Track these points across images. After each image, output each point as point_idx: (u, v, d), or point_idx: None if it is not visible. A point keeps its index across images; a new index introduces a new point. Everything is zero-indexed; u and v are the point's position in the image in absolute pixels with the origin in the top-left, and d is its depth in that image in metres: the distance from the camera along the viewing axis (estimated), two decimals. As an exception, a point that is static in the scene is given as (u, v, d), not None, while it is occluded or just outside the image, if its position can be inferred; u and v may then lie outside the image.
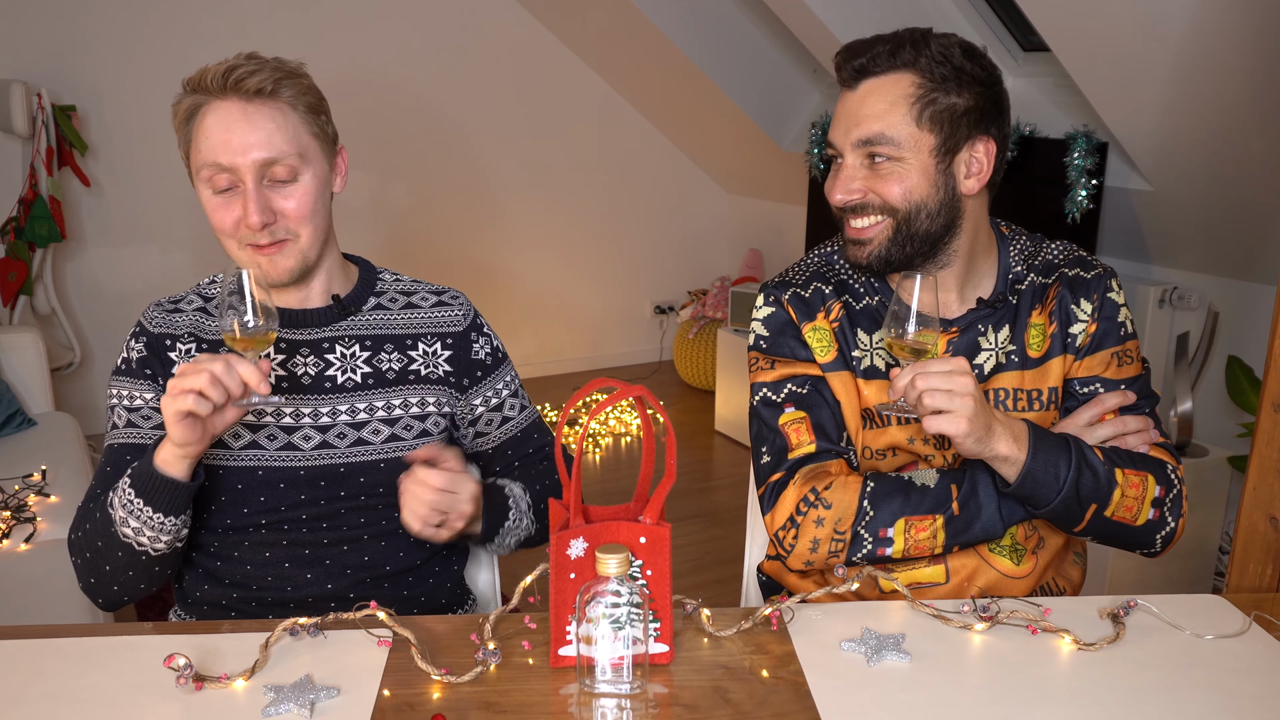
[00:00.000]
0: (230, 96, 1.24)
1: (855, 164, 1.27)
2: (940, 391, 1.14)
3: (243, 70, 1.24)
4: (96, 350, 4.05)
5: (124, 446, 1.32)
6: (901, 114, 1.24)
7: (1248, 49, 2.28)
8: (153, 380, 1.34)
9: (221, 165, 1.24)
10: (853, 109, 1.26)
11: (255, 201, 1.24)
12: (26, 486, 2.41)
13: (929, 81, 1.24)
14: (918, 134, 1.24)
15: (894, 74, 1.24)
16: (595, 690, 1.01)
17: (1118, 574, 2.59)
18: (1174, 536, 1.29)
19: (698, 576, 3.02)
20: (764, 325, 1.37)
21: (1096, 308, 1.33)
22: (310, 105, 1.30)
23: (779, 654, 1.10)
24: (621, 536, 1.05)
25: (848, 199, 1.27)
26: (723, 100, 4.27)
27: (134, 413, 1.33)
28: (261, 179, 1.25)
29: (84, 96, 3.87)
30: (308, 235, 1.30)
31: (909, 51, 1.24)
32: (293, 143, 1.26)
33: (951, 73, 1.24)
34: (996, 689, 1.03)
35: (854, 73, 1.26)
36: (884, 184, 1.26)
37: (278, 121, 1.26)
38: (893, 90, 1.24)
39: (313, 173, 1.29)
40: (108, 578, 1.28)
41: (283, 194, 1.27)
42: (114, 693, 1.02)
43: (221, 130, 1.24)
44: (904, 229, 1.27)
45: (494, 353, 1.46)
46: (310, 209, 1.29)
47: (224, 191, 1.26)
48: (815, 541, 1.26)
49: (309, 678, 1.03)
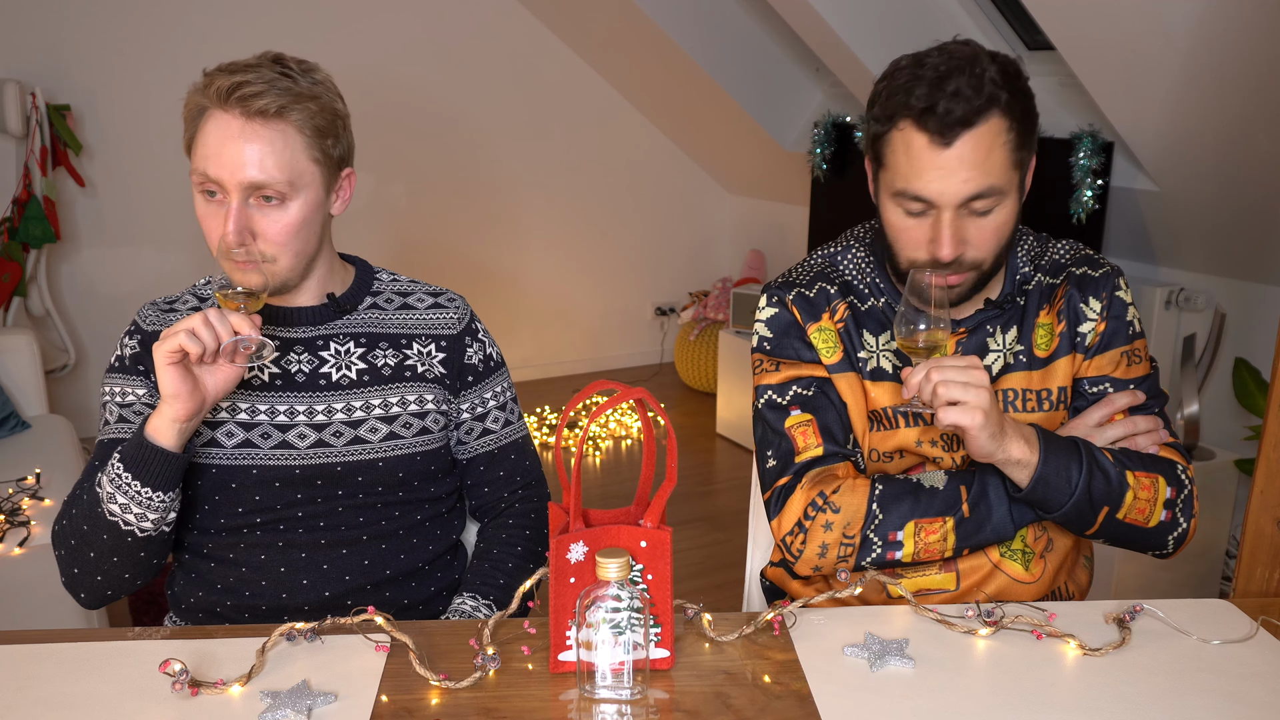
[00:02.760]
0: (232, 110, 1.21)
1: (956, 218, 1.21)
2: (956, 383, 1.13)
3: (250, 89, 1.20)
4: (91, 352, 4.04)
5: (114, 442, 1.31)
6: (1001, 159, 1.19)
7: (1255, 48, 2.27)
8: (145, 377, 1.33)
9: (209, 177, 1.23)
10: (952, 165, 1.18)
11: (235, 220, 1.22)
12: (20, 490, 2.39)
13: (1012, 117, 1.19)
14: (1012, 174, 1.21)
15: (986, 121, 1.17)
16: (595, 696, 1.01)
17: (1123, 578, 2.58)
18: (1186, 537, 1.28)
19: (699, 581, 3.02)
20: (768, 326, 1.36)
21: (1105, 306, 1.33)
22: (319, 128, 1.26)
23: (781, 659, 1.09)
24: (622, 540, 1.04)
25: (955, 255, 1.21)
26: (724, 99, 4.27)
27: (126, 409, 1.33)
28: (247, 199, 1.23)
29: (78, 96, 3.86)
30: (286, 261, 1.28)
31: (990, 89, 1.17)
32: (285, 169, 1.23)
33: (1021, 99, 1.20)
34: (1001, 695, 1.02)
35: (947, 129, 1.17)
36: (983, 235, 1.22)
37: (275, 145, 1.22)
38: (989, 137, 1.18)
39: (303, 200, 1.26)
40: (91, 566, 1.26)
41: (267, 217, 1.25)
42: (109, 698, 1.01)
43: (216, 143, 1.22)
44: (988, 273, 1.26)
45: (487, 360, 1.44)
46: (290, 236, 1.26)
47: (212, 200, 1.25)
48: (824, 546, 1.25)
49: (306, 683, 1.02)
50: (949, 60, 1.18)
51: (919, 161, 1.19)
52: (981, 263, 1.24)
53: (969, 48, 1.20)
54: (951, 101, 1.15)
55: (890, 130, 1.21)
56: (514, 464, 1.46)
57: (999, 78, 1.17)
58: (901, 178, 1.21)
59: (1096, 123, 2.91)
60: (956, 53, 1.19)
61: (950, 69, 1.17)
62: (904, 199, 1.22)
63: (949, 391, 1.13)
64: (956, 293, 1.25)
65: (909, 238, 1.24)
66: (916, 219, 1.23)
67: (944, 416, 1.14)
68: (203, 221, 1.27)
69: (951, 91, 1.16)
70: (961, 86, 1.16)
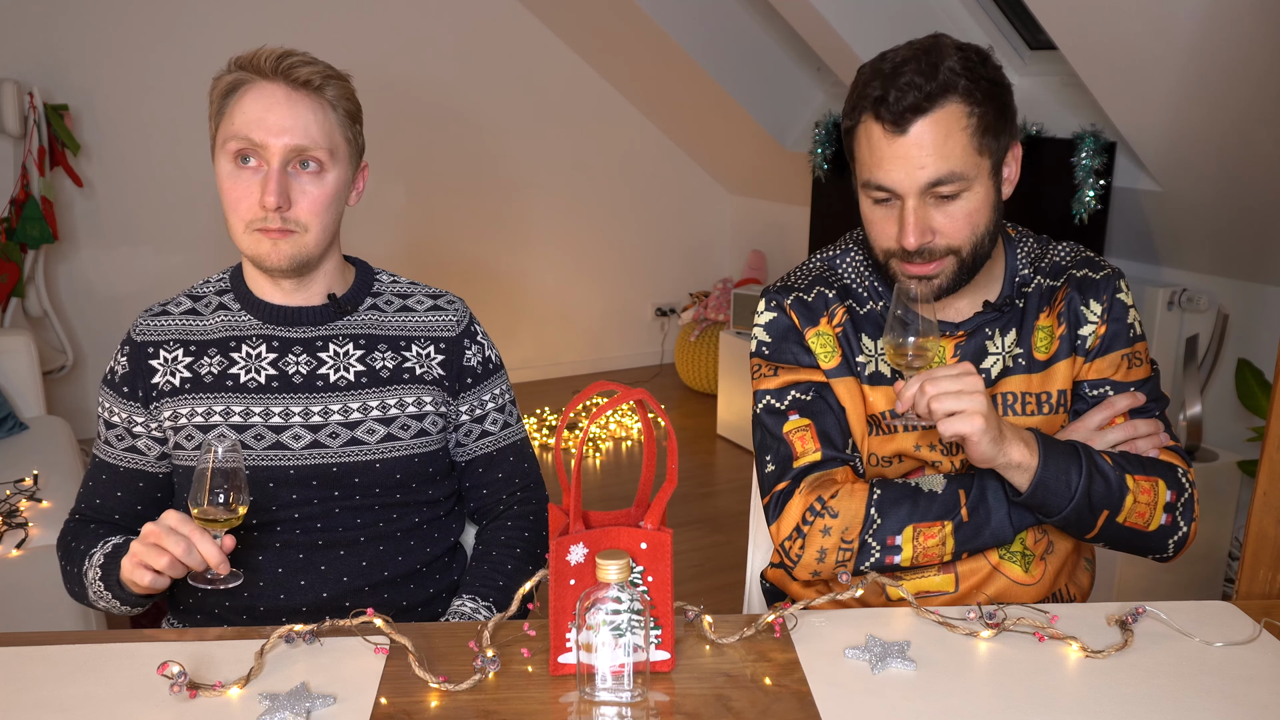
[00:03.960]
0: (278, 80, 1.26)
1: (921, 206, 1.21)
2: (950, 394, 1.13)
3: (296, 59, 1.27)
4: (89, 353, 4.03)
5: (100, 464, 1.38)
6: (961, 145, 1.19)
7: (1258, 47, 2.27)
8: (130, 399, 1.35)
9: (253, 141, 1.25)
10: (909, 152, 1.19)
11: (276, 182, 1.25)
12: (18, 491, 2.39)
13: (973, 103, 1.19)
14: (978, 160, 1.21)
15: (942, 107, 1.18)
16: (595, 698, 1.00)
17: (1125, 580, 2.58)
18: (1186, 541, 1.27)
19: (699, 583, 3.01)
20: (766, 331, 1.36)
21: (1106, 309, 1.32)
22: (349, 111, 1.33)
23: (782, 662, 1.08)
24: (622, 542, 1.04)
25: (921, 242, 1.22)
26: (725, 99, 4.26)
27: (110, 429, 1.37)
28: (287, 165, 1.26)
29: (76, 96, 3.86)
30: (316, 231, 1.30)
31: (945, 75, 1.18)
32: (327, 137, 1.28)
33: (985, 86, 1.20)
34: (1003, 697, 1.01)
35: (899, 117, 1.18)
36: (952, 223, 1.22)
37: (317, 114, 1.28)
38: (945, 123, 1.18)
39: (337, 173, 1.31)
40: (89, 604, 1.34)
41: (304, 184, 1.28)
42: (107, 701, 1.01)
43: (261, 109, 1.26)
44: (968, 261, 1.25)
45: (485, 362, 1.44)
46: (325, 205, 1.30)
47: (245, 167, 1.27)
48: (822, 551, 1.25)
49: (305, 685, 1.02)
50: (909, 51, 1.21)
51: (878, 151, 1.21)
52: (958, 249, 1.23)
53: (933, 39, 1.22)
54: (904, 89, 1.17)
55: (855, 125, 1.24)
56: (512, 466, 1.46)
57: (957, 65, 1.18)
58: (865, 169, 1.23)
59: (1099, 122, 2.91)
60: (918, 44, 1.21)
61: (906, 59, 1.19)
62: (870, 189, 1.24)
63: (944, 405, 1.13)
64: (937, 284, 1.25)
65: (879, 229, 1.26)
66: (885, 210, 1.24)
67: (945, 429, 1.14)
68: (230, 191, 1.28)
69: (905, 81, 1.18)
70: (914, 75, 1.17)
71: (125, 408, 1.35)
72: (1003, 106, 1.22)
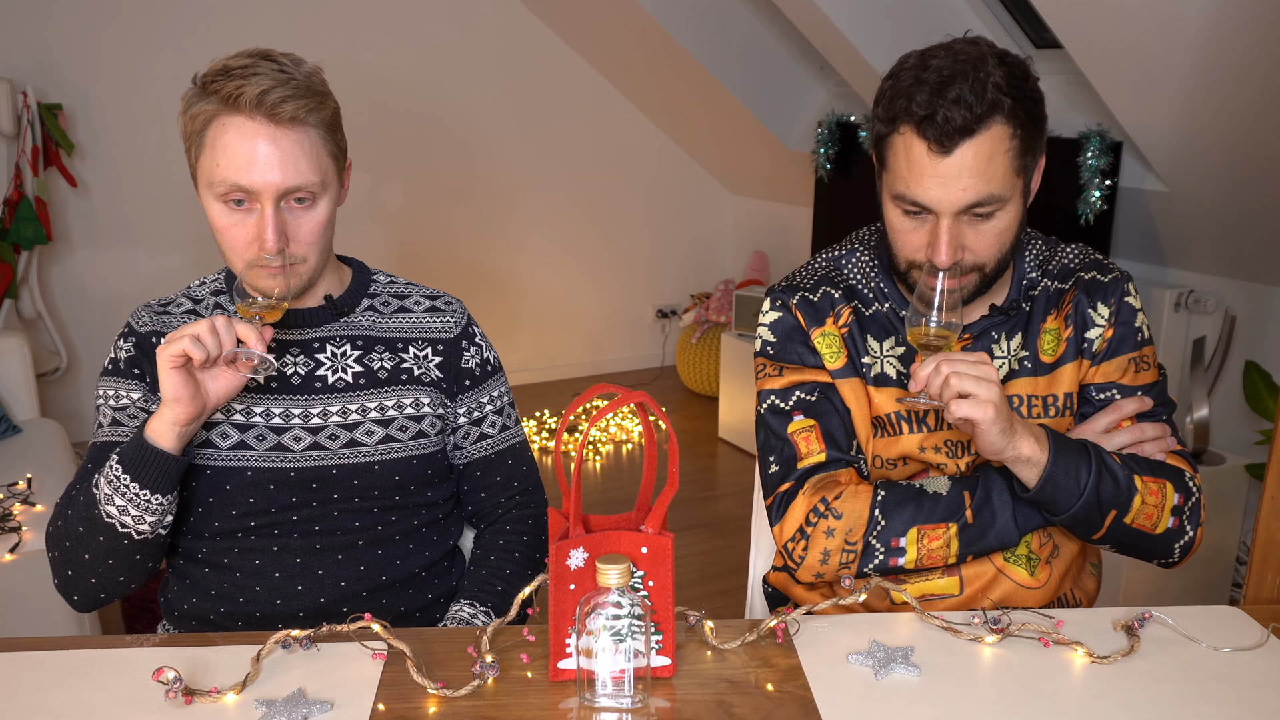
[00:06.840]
0: (257, 117, 1.20)
1: (955, 225, 1.19)
2: (969, 376, 1.12)
3: (278, 95, 1.19)
4: (83, 355, 4.01)
5: (107, 444, 1.30)
6: (1003, 167, 1.17)
7: (1266, 46, 2.26)
8: (140, 380, 1.32)
9: (241, 186, 1.21)
10: (952, 172, 1.16)
11: (274, 228, 1.22)
12: (11, 495, 2.37)
13: (1016, 124, 1.17)
14: (1015, 181, 1.19)
15: (988, 129, 1.15)
16: (595, 704, 1.00)
17: (1132, 585, 2.56)
18: (1192, 546, 1.27)
19: (701, 588, 3.00)
20: (771, 330, 1.35)
21: (1114, 312, 1.31)
22: (329, 125, 1.27)
23: (784, 667, 1.08)
24: (622, 547, 1.03)
25: (953, 260, 1.20)
26: (726, 98, 4.25)
27: (120, 411, 1.32)
28: (279, 204, 1.23)
29: (70, 95, 3.84)
30: (314, 258, 1.29)
31: (993, 94, 1.14)
32: (316, 170, 1.24)
33: (1028, 105, 1.17)
34: (1008, 703, 1.00)
35: (946, 137, 1.14)
36: (983, 241, 1.20)
37: (304, 148, 1.22)
38: (990, 145, 1.15)
39: (329, 197, 1.28)
40: (85, 568, 1.25)
41: (299, 218, 1.25)
42: (101, 707, 1.00)
43: (247, 151, 1.20)
44: (990, 275, 1.24)
45: (484, 364, 1.43)
46: (319, 234, 1.28)
47: (238, 209, 1.24)
48: (825, 553, 1.24)
49: (302, 691, 1.01)
50: (954, 62, 1.16)
51: (918, 168, 1.18)
52: (983, 266, 1.23)
53: (976, 48, 1.18)
54: (952, 109, 1.13)
55: (892, 133, 1.20)
56: (511, 469, 1.45)
57: (1004, 82, 1.15)
58: (901, 182, 1.20)
59: (1105, 122, 2.89)
60: (962, 54, 1.17)
61: (954, 73, 1.15)
62: (903, 202, 1.21)
63: (961, 383, 1.12)
64: (958, 296, 1.24)
65: (907, 240, 1.23)
66: (915, 222, 1.22)
67: (955, 410, 1.13)
68: (225, 233, 1.25)
69: (953, 98, 1.13)
70: (964, 93, 1.13)
71: (137, 388, 1.32)
72: (1041, 123, 1.20)
